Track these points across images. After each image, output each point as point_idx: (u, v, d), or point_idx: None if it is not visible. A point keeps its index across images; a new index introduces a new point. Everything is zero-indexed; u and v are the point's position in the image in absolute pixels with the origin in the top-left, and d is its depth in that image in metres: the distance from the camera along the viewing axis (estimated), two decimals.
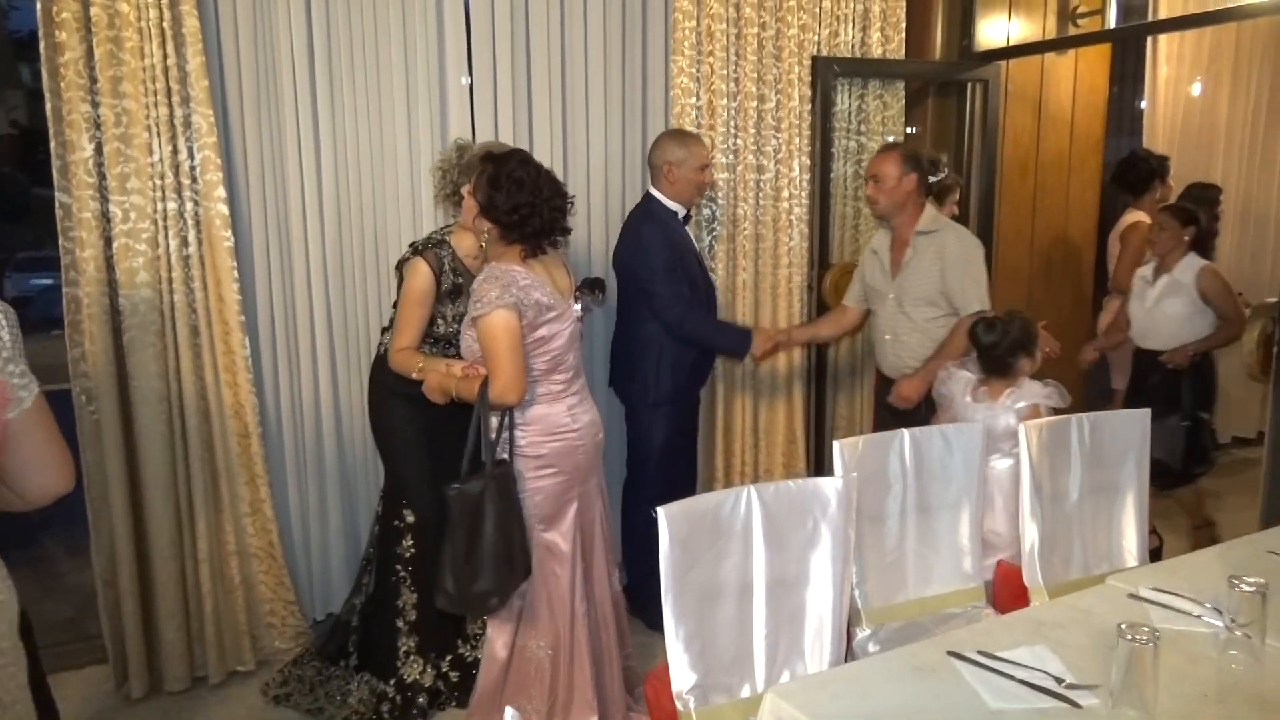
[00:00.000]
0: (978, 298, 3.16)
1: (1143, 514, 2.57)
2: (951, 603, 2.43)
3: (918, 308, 3.24)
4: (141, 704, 2.99)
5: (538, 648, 2.60)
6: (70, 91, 2.72)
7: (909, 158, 3.22)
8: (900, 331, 3.30)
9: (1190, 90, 5.16)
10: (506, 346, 2.41)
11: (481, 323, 2.41)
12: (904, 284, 3.27)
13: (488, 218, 2.47)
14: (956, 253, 3.17)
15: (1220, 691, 1.61)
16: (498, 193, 2.44)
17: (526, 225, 2.46)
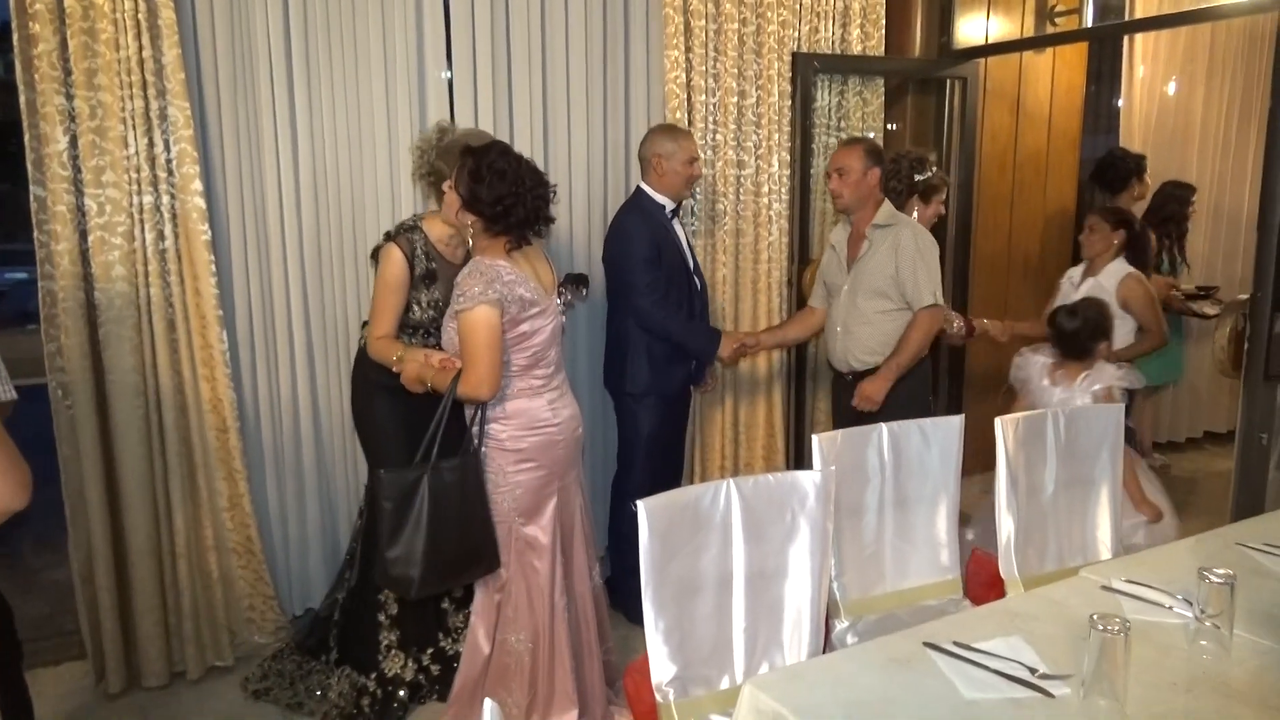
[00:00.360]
0: (930, 291, 3.18)
1: (1115, 506, 2.60)
2: (929, 595, 2.45)
3: (869, 299, 3.25)
4: (120, 699, 2.98)
5: (517, 641, 2.61)
6: (44, 84, 2.69)
7: (871, 152, 3.25)
8: (851, 323, 3.31)
9: (1166, 89, 5.21)
10: (484, 342, 2.42)
11: (463, 317, 2.42)
12: (858, 276, 3.28)
13: (471, 211, 2.47)
14: (911, 246, 3.18)
15: (1189, 681, 1.64)
16: (480, 185, 2.44)
17: (510, 216, 2.46)
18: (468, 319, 2.41)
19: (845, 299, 3.32)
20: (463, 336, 2.44)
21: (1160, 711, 1.54)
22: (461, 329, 2.44)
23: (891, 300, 3.23)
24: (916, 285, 3.18)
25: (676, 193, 3.31)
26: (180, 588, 3.04)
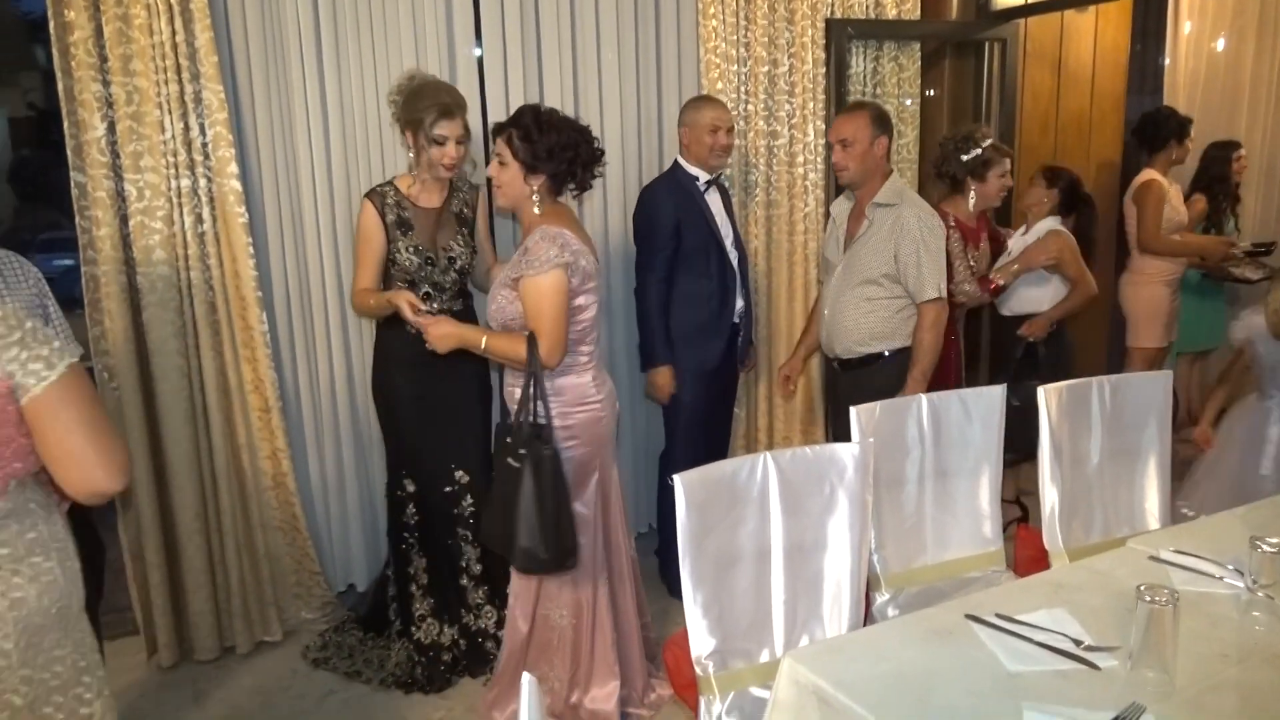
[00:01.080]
0: (934, 284, 2.91)
1: (1165, 477, 2.55)
2: (970, 567, 2.43)
3: (860, 286, 2.99)
4: (172, 672, 3.06)
5: (560, 617, 2.63)
6: (81, 70, 2.72)
7: (878, 118, 2.98)
8: (839, 308, 3.05)
9: (1214, 46, 5.04)
10: (558, 307, 2.40)
11: (534, 281, 2.38)
12: (853, 257, 3.03)
13: (536, 170, 2.43)
14: (914, 231, 2.89)
15: (1241, 652, 1.60)
16: (539, 140, 2.40)
17: (577, 160, 2.45)
18: (540, 283, 2.37)
19: (838, 280, 3.07)
20: (534, 301, 2.39)
21: (1211, 684, 1.51)
22: (532, 294, 2.39)
23: (884, 288, 2.97)
24: (920, 276, 2.91)
25: (704, 162, 3.26)
26: (228, 565, 3.10)
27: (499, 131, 2.47)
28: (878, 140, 2.96)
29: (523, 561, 2.42)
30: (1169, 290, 4.50)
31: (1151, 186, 4.28)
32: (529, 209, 2.49)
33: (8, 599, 1.47)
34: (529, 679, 1.18)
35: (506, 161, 2.45)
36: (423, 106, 2.70)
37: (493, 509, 2.45)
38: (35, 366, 1.44)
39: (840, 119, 3.04)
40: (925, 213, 2.95)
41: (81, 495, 1.50)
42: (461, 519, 2.96)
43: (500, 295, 2.48)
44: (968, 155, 3.41)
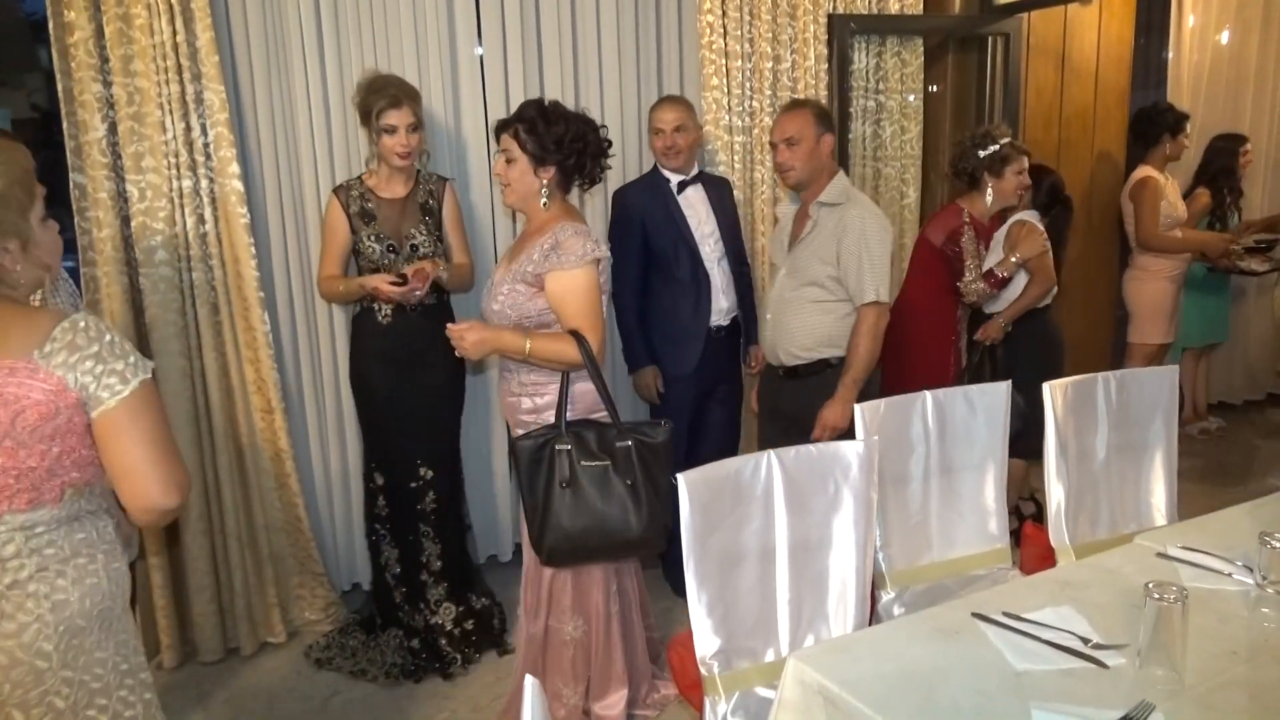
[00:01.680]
0: (875, 288, 2.77)
1: (1171, 472, 2.53)
2: (977, 564, 2.42)
3: (804, 287, 2.87)
4: (176, 673, 3.05)
5: (574, 628, 2.59)
6: (81, 71, 2.71)
7: (822, 116, 2.87)
8: (782, 311, 2.93)
9: (1219, 38, 5.02)
10: (597, 303, 2.36)
11: (572, 275, 2.32)
12: (796, 258, 2.91)
13: (546, 163, 2.38)
14: (858, 231, 2.77)
15: (1250, 650, 1.59)
16: (548, 130, 2.35)
17: (586, 150, 2.41)
18: (579, 278, 2.32)
19: (781, 282, 2.96)
20: (575, 297, 2.33)
21: (1220, 682, 1.50)
22: (571, 289, 2.32)
23: (829, 291, 2.84)
24: (860, 278, 2.78)
25: (662, 164, 3.28)
26: (232, 566, 3.10)
27: (504, 127, 2.42)
28: (823, 138, 2.85)
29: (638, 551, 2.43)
30: (1173, 286, 4.48)
31: (1147, 183, 4.26)
32: (537, 205, 2.43)
33: (50, 601, 1.47)
34: (532, 683, 1.17)
35: (514, 156, 2.39)
36: (372, 99, 2.79)
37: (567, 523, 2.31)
38: (110, 380, 1.45)
39: (783, 117, 2.92)
40: (870, 213, 2.82)
41: (137, 510, 1.51)
42: (424, 515, 3.01)
43: (515, 291, 2.39)
44: (985, 151, 3.37)
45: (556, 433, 2.33)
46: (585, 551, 2.34)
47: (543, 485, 2.30)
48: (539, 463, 2.30)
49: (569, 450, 2.30)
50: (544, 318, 2.39)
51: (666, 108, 3.26)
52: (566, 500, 2.29)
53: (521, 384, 2.46)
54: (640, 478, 2.30)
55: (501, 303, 2.41)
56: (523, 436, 2.33)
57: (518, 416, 2.49)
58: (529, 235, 2.46)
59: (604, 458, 2.30)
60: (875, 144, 4.13)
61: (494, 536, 3.72)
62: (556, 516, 2.29)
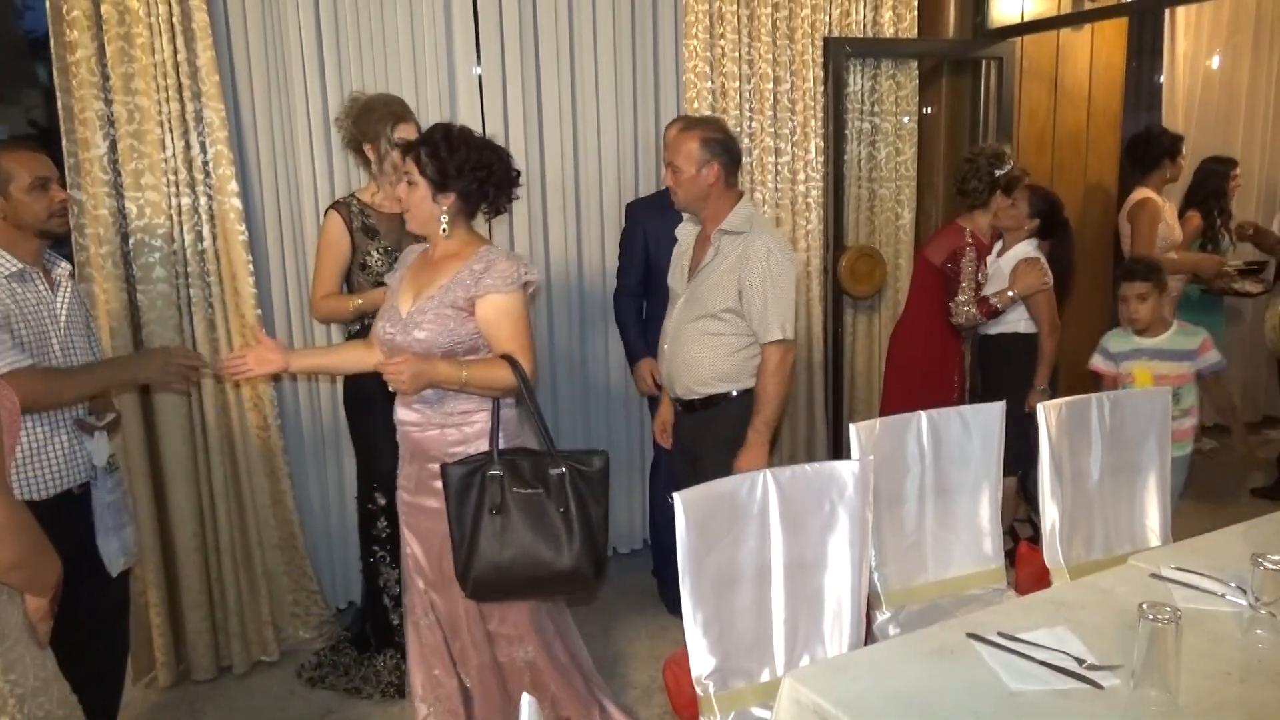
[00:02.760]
0: (780, 325, 2.63)
1: (1165, 493, 2.55)
2: (972, 584, 2.42)
3: (701, 321, 2.72)
4: (169, 692, 3.03)
5: (525, 655, 2.47)
6: (82, 89, 2.73)
7: (709, 141, 2.68)
8: (680, 343, 2.78)
9: (1210, 63, 5.07)
10: (527, 326, 2.31)
11: (506, 298, 2.26)
12: (696, 289, 2.74)
13: (446, 189, 2.27)
14: (761, 265, 2.62)
15: (1244, 670, 1.59)
16: (448, 157, 2.25)
17: (491, 178, 2.30)
18: (512, 301, 2.27)
19: (680, 312, 2.79)
20: (509, 320, 2.27)
21: (1214, 702, 1.50)
22: (506, 312, 2.27)
23: (726, 324, 2.68)
24: (764, 315, 2.63)
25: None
26: (225, 584, 3.09)
27: (408, 150, 2.32)
28: (707, 167, 2.66)
29: (569, 585, 2.28)
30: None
31: (1146, 205, 4.29)
32: (437, 231, 2.32)
33: None
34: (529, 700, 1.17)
35: (415, 180, 2.29)
36: (377, 118, 2.80)
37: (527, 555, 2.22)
38: None
39: (673, 139, 2.78)
40: (776, 244, 2.66)
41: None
42: None
43: (443, 317, 2.26)
44: (1001, 170, 3.41)
45: (489, 459, 2.23)
46: (512, 584, 2.23)
47: (471, 513, 2.21)
48: (468, 489, 2.20)
49: (501, 476, 2.21)
50: (474, 341, 2.29)
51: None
52: (496, 528, 2.20)
53: (448, 414, 2.33)
54: (574, 507, 2.21)
55: (429, 331, 2.26)
56: (456, 462, 2.23)
57: (445, 450, 2.33)
58: (437, 261, 2.35)
59: (537, 485, 2.22)
60: (870, 165, 4.17)
61: None
62: (485, 545, 2.19)
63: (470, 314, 2.28)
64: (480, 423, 2.32)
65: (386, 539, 2.98)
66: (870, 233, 4.21)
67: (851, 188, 4.13)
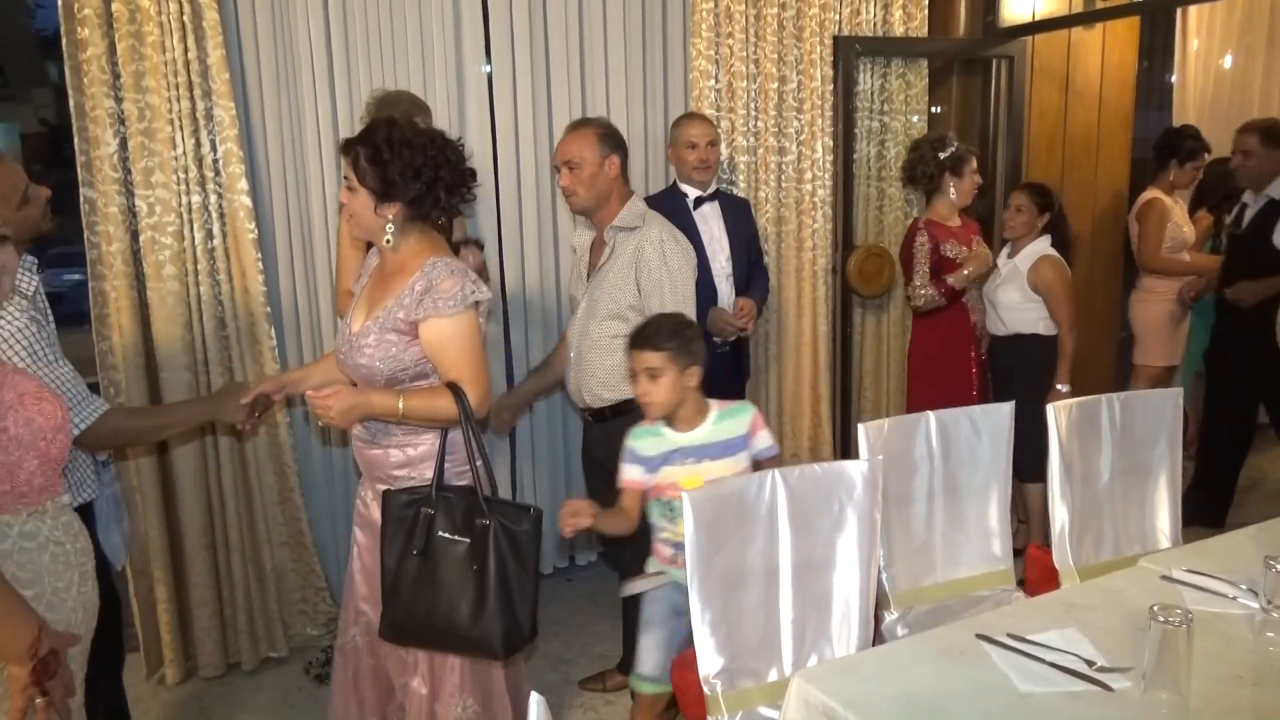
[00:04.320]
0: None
1: (1175, 495, 2.53)
2: (981, 585, 2.41)
3: (605, 322, 2.63)
4: (178, 689, 3.04)
5: (464, 709, 2.20)
6: (93, 87, 2.74)
7: (606, 136, 2.65)
8: (584, 348, 2.68)
9: (1222, 63, 5.04)
10: (479, 350, 2.10)
11: (452, 322, 2.04)
12: (595, 290, 2.66)
13: (390, 199, 2.05)
14: (655, 258, 2.56)
15: (1256, 674, 1.58)
16: (390, 162, 2.01)
17: (439, 183, 2.06)
18: (459, 325, 2.05)
19: (581, 317, 2.71)
20: (453, 345, 2.06)
21: (1226, 705, 1.49)
22: (450, 336, 2.05)
23: (629, 324, 2.52)
24: (661, 307, 2.51)
25: (689, 179, 3.29)
26: (234, 581, 3.10)
27: (346, 150, 2.08)
28: (609, 160, 2.63)
29: (504, 645, 2.01)
30: (1179, 309, 4.48)
31: (1154, 205, 4.27)
32: (382, 242, 2.11)
33: None
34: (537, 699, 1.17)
35: (355, 187, 2.06)
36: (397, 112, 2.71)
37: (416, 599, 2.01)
38: None
39: (564, 139, 2.70)
40: (669, 236, 2.62)
41: None
42: None
43: (385, 341, 2.07)
44: (945, 152, 3.53)
45: (430, 493, 2.05)
46: (423, 634, 2.05)
47: (398, 552, 2.02)
48: (402, 522, 2.02)
49: (432, 516, 2.01)
50: (421, 367, 2.10)
51: (696, 123, 3.29)
52: (416, 572, 2.01)
53: (391, 435, 2.15)
54: (492, 566, 1.98)
55: (370, 355, 2.08)
56: (400, 490, 2.07)
57: (387, 472, 2.16)
58: (389, 274, 2.15)
59: (465, 534, 2.01)
60: (880, 164, 4.15)
61: None
62: (404, 588, 2.01)
63: (414, 338, 2.07)
64: (427, 444, 2.13)
65: None
66: (879, 232, 4.19)
67: (861, 186, 4.12)
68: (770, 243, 3.83)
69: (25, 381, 1.60)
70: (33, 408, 1.53)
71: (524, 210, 3.49)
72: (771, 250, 3.84)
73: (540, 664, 3.15)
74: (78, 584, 1.68)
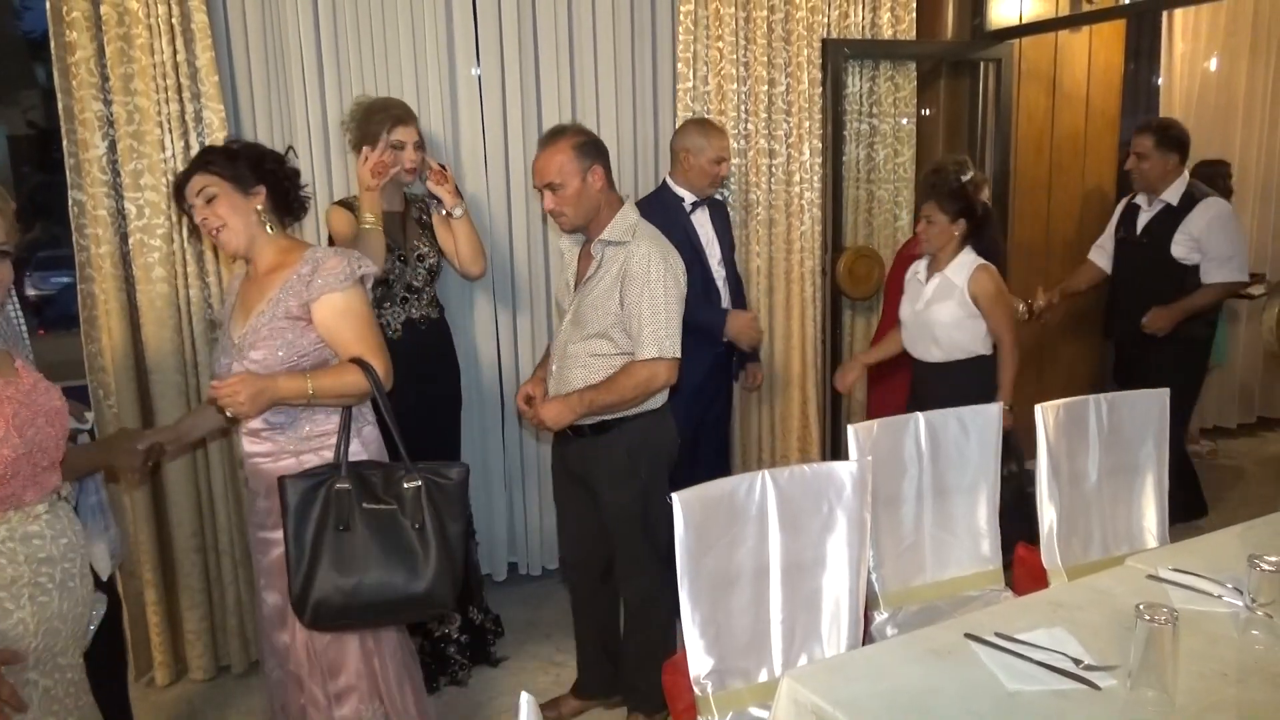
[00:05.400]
0: (656, 340, 2.41)
1: (1162, 494, 2.55)
2: (969, 585, 2.43)
3: (589, 340, 2.50)
4: (167, 691, 3.04)
5: (372, 713, 2.23)
6: (82, 90, 2.74)
7: (582, 146, 2.47)
8: (566, 363, 2.55)
9: (1208, 65, 5.08)
10: (373, 322, 2.14)
11: (343, 298, 2.06)
12: (581, 304, 2.52)
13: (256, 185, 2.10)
14: (640, 275, 2.42)
15: (1241, 672, 1.60)
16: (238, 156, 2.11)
17: (282, 171, 2.17)
18: (350, 300, 2.07)
19: (567, 330, 2.56)
20: (350, 321, 2.08)
21: (1211, 703, 1.51)
22: (345, 312, 2.07)
23: (614, 343, 2.47)
24: (641, 330, 2.42)
25: (698, 189, 3.29)
26: (224, 583, 3.09)
27: (190, 174, 2.10)
28: (591, 171, 2.47)
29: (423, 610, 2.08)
30: None
31: None
32: (264, 238, 2.12)
33: None
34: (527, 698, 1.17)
35: (214, 192, 2.06)
36: (377, 120, 2.80)
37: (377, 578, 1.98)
38: None
39: (540, 158, 2.48)
40: (659, 252, 2.45)
41: None
42: None
43: (278, 330, 2.05)
44: (967, 175, 3.47)
45: (335, 471, 2.01)
46: (358, 608, 1.99)
47: (312, 531, 1.97)
48: (310, 504, 1.97)
49: (349, 490, 1.99)
50: (321, 353, 2.09)
51: (724, 138, 3.29)
52: (340, 548, 1.97)
53: (304, 439, 2.12)
54: (430, 523, 2.00)
55: (265, 348, 2.05)
56: (295, 475, 2.01)
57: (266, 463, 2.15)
58: (263, 276, 2.13)
59: (390, 501, 2.00)
60: (869, 167, 4.17)
61: (487, 555, 3.72)
62: (326, 566, 1.96)
63: (309, 322, 2.07)
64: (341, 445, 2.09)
65: None
66: (868, 234, 4.21)
67: (850, 189, 4.13)
68: (762, 245, 3.84)
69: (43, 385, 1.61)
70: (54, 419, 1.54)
71: (513, 213, 3.49)
72: (761, 252, 3.85)
73: (531, 665, 3.16)
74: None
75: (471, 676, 3.06)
